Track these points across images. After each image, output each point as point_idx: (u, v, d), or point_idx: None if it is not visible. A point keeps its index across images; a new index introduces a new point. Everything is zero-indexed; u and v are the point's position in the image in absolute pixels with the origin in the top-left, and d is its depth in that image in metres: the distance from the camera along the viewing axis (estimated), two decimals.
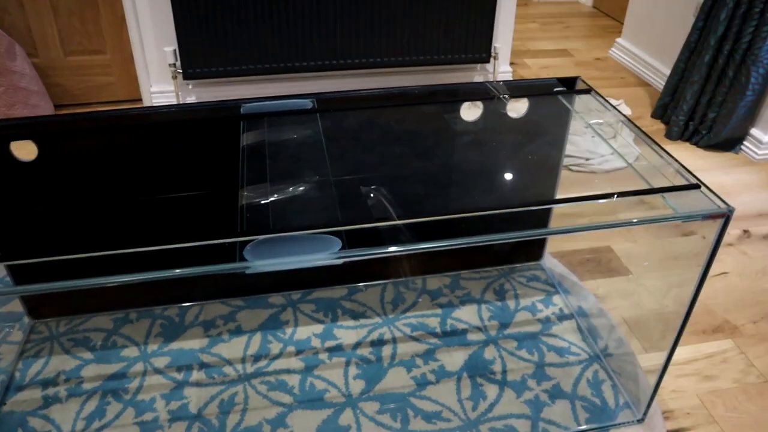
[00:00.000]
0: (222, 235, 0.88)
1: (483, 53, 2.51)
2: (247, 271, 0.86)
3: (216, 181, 1.03)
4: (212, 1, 2.22)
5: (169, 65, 2.39)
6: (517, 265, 1.70)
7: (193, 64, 2.32)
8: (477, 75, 2.66)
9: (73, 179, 1.17)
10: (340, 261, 0.87)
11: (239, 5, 2.24)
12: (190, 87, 2.45)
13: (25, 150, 1.30)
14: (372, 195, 0.97)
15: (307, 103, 1.27)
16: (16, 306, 1.56)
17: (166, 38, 2.36)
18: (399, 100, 1.36)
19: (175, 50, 2.36)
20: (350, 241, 0.88)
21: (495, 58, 2.57)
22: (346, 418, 1.29)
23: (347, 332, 1.48)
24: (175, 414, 1.30)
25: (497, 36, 2.56)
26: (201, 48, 2.29)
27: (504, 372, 1.40)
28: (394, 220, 0.92)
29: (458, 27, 2.44)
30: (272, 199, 0.95)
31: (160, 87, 2.47)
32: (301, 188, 0.97)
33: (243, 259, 0.86)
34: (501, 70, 2.66)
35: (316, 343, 1.45)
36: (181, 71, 2.36)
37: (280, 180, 0.99)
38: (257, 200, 0.95)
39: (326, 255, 0.85)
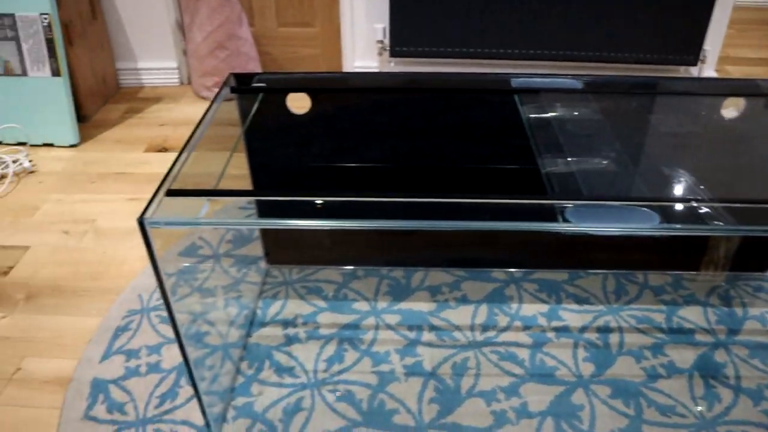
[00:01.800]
0: (540, 197, 0.91)
1: (691, 55, 2.43)
2: (566, 233, 0.89)
3: (507, 148, 1.06)
4: None
5: (377, 42, 2.48)
6: (741, 273, 1.65)
7: (401, 42, 2.40)
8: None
9: (355, 137, 1.24)
10: (659, 234, 0.88)
11: None
12: (392, 65, 2.54)
13: (302, 102, 1.40)
14: (677, 175, 0.98)
15: (577, 84, 1.28)
16: (254, 250, 1.68)
17: (377, 15, 2.45)
18: (662, 89, 1.35)
19: (384, 27, 2.45)
20: (663, 217, 0.89)
21: (702, 62, 2.47)
22: (579, 397, 1.30)
23: (572, 315, 1.49)
24: (410, 369, 1.36)
25: (708, 38, 2.47)
26: (411, 27, 2.36)
27: (737, 378, 1.36)
28: (708, 201, 0.92)
29: (669, 24, 2.37)
30: (576, 168, 0.98)
31: (364, 62, 2.57)
32: (603, 162, 0.99)
33: (565, 220, 0.89)
34: (706, 74, 2.56)
35: (542, 321, 1.47)
36: (387, 49, 2.44)
37: (577, 152, 1.02)
38: (561, 169, 0.98)
39: (653, 226, 0.86)
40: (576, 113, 1.15)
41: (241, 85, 1.30)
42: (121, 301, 1.57)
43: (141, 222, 0.87)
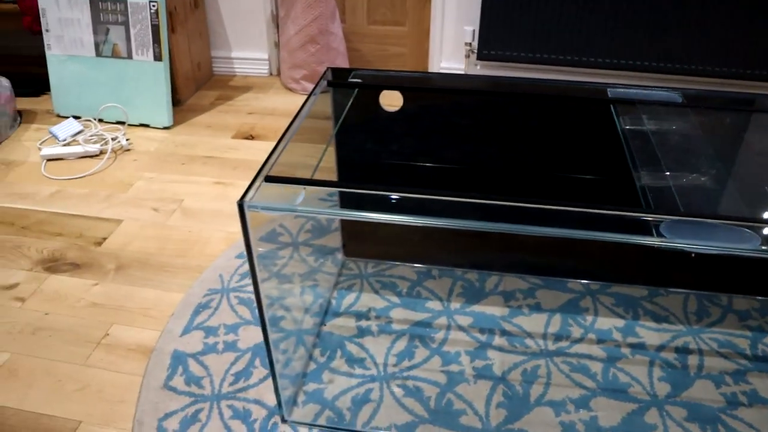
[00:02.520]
0: (636, 210, 0.89)
1: None
2: (658, 246, 0.88)
3: (600, 158, 1.05)
4: None
5: (465, 44, 2.48)
6: None
7: (489, 45, 2.39)
8: None
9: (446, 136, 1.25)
10: (759, 256, 0.86)
11: None
12: (478, 68, 2.53)
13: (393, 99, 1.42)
14: None
15: (676, 97, 1.25)
16: (332, 241, 1.72)
17: (467, 17, 2.45)
18: (763, 107, 1.30)
19: (474, 30, 2.44)
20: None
21: None
22: (652, 416, 1.27)
23: (649, 333, 1.46)
24: (480, 372, 1.36)
25: None
26: (500, 31, 2.35)
27: None
28: None
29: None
30: (673, 183, 0.96)
31: (449, 64, 2.57)
32: (702, 178, 0.97)
33: (660, 235, 0.87)
34: None
35: (617, 336, 1.45)
36: (475, 51, 2.44)
37: (674, 167, 1.00)
38: (657, 183, 0.96)
39: (755, 247, 0.84)
40: (673, 127, 1.12)
41: (337, 79, 1.33)
42: (203, 279, 1.64)
43: (241, 205, 0.91)
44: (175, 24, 2.39)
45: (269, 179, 0.96)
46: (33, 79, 2.72)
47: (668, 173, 0.99)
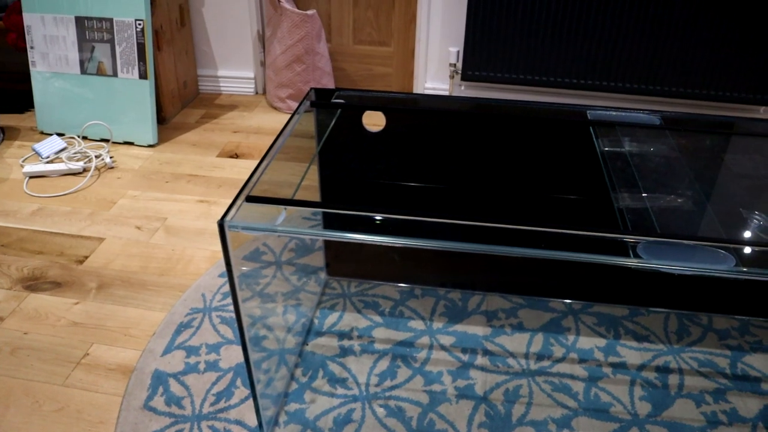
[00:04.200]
0: (613, 231, 0.91)
1: None
2: (635, 267, 0.89)
3: (580, 180, 1.07)
4: (507, 10, 2.30)
5: (450, 65, 2.51)
6: None
7: (473, 66, 2.42)
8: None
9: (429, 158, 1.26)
10: (734, 277, 0.87)
11: (532, 17, 2.30)
12: (462, 88, 2.56)
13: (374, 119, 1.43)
14: (754, 218, 0.96)
15: (655, 120, 1.27)
16: (315, 260, 1.72)
17: (452, 38, 2.48)
18: (741, 129, 1.32)
19: (458, 51, 2.47)
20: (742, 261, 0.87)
21: None
22: None
23: (630, 352, 1.46)
24: (462, 391, 1.36)
25: None
26: (484, 52, 2.38)
27: None
28: None
29: (749, 62, 2.32)
30: (651, 205, 0.97)
31: (434, 84, 2.60)
32: (679, 200, 0.98)
33: (636, 256, 0.88)
34: None
35: (599, 355, 1.45)
36: (459, 72, 2.47)
37: (652, 188, 1.01)
38: (635, 204, 0.98)
39: (730, 269, 0.85)
40: (652, 149, 1.14)
41: (320, 99, 1.34)
42: (185, 298, 1.63)
43: (221, 225, 0.91)
44: (161, 42, 2.40)
45: (250, 199, 0.96)
46: (17, 95, 2.71)
47: (646, 195, 1.00)
